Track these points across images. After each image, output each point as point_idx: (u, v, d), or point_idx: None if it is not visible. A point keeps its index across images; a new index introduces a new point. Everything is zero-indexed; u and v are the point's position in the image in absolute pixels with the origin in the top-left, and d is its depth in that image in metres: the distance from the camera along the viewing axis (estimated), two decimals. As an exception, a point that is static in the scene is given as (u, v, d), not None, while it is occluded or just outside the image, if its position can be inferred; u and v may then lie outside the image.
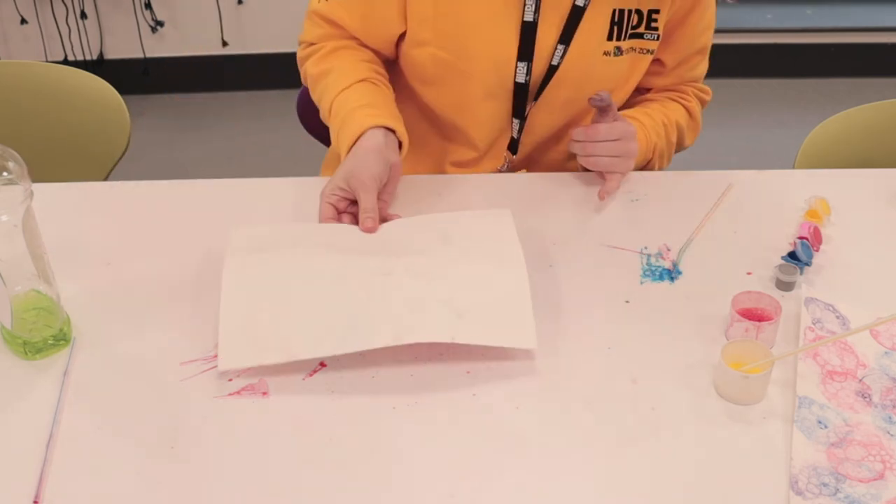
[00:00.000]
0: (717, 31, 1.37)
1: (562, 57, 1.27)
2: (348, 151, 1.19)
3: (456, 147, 1.38)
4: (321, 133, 1.58)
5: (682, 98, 1.39)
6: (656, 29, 1.28)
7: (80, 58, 3.14)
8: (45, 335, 1.03)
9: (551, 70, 1.28)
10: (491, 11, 1.23)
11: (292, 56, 1.40)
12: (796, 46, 3.21)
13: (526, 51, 1.26)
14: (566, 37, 1.25)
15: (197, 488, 0.90)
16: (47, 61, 2.40)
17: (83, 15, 3.07)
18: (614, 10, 1.25)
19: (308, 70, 1.33)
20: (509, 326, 1.02)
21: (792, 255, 1.15)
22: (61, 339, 1.05)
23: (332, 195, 1.17)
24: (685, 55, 1.35)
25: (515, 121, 1.33)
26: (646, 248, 1.19)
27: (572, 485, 0.90)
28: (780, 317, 1.03)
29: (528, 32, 1.24)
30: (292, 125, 1.69)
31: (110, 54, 3.18)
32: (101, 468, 0.91)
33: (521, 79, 1.28)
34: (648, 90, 1.40)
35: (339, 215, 1.17)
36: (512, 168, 1.39)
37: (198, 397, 0.99)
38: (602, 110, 1.24)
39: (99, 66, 3.16)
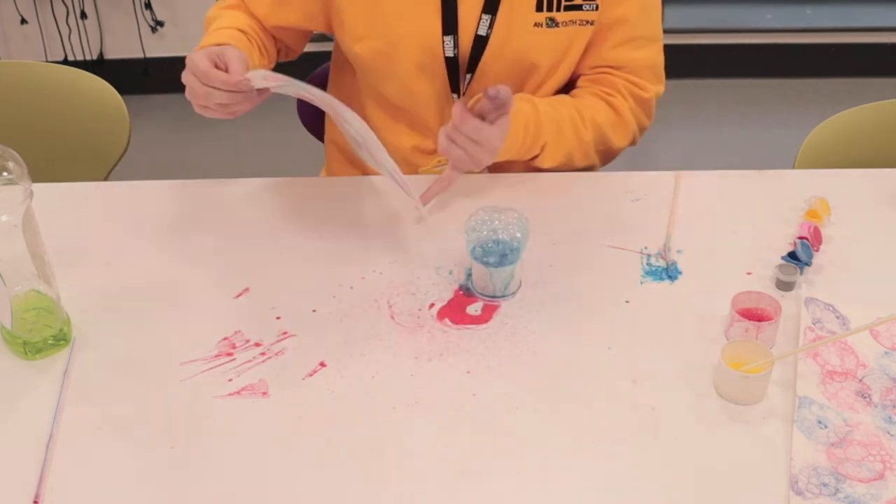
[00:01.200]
0: (717, 31, 1.36)
1: (489, 27, 1.26)
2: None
3: (415, 134, 1.38)
4: (321, 133, 1.58)
5: (606, 93, 1.33)
6: None
7: (80, 58, 3.14)
8: (45, 335, 1.03)
9: (480, 41, 1.28)
10: None
11: (292, 56, 1.41)
12: (796, 46, 3.21)
13: (449, 24, 1.26)
14: (490, 6, 1.25)
15: (197, 488, 0.90)
16: (47, 61, 2.39)
17: (83, 15, 3.06)
18: None
19: (207, 13, 1.37)
20: None
21: (792, 255, 1.15)
22: (61, 339, 1.05)
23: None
24: (601, 25, 1.29)
25: (455, 96, 1.33)
26: (646, 248, 1.19)
27: (572, 485, 0.90)
28: (780, 317, 1.03)
29: (449, 5, 1.25)
30: (292, 125, 1.69)
31: (110, 54, 3.18)
32: (101, 468, 0.91)
33: (449, 53, 1.28)
34: (577, 77, 1.36)
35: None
36: None
37: (198, 397, 0.99)
38: (495, 105, 1.17)
39: (99, 66, 3.16)
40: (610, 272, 1.16)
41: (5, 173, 0.94)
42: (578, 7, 1.26)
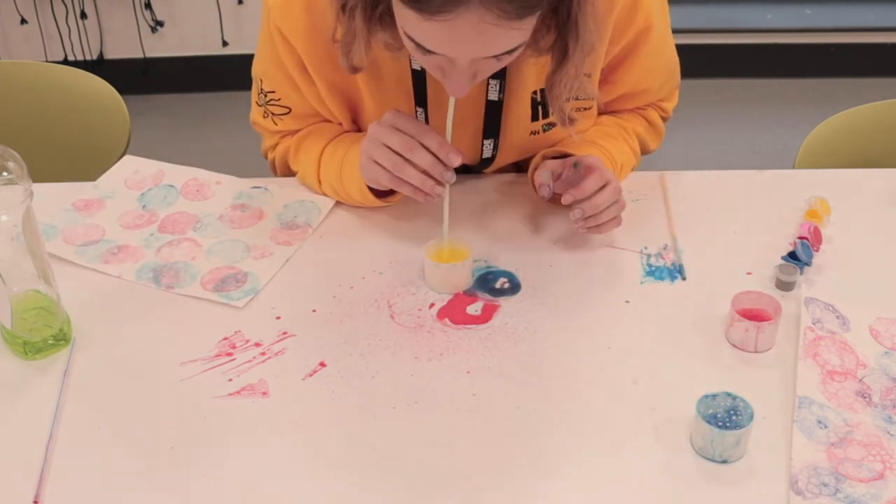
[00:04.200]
0: (719, 31, 1.36)
1: (493, 149, 1.25)
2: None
3: None
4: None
5: (638, 110, 1.33)
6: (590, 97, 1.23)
7: (80, 58, 3.14)
8: (45, 335, 1.03)
9: (485, 162, 1.28)
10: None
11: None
12: (796, 46, 3.21)
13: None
14: (490, 130, 1.23)
15: (197, 488, 0.90)
16: (47, 61, 2.39)
17: (83, 15, 3.06)
18: (533, 95, 1.21)
19: (288, 144, 1.30)
20: None
21: (792, 255, 1.15)
22: (61, 339, 1.05)
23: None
24: (627, 93, 1.28)
25: None
26: (646, 248, 1.19)
27: (572, 485, 0.90)
28: (780, 317, 1.03)
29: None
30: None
31: (110, 54, 3.18)
32: (101, 468, 0.91)
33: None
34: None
35: None
36: None
37: (198, 397, 0.99)
38: (570, 179, 1.15)
39: (99, 66, 3.16)
40: (610, 272, 1.16)
41: (5, 173, 0.94)
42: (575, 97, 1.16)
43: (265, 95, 1.26)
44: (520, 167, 1.35)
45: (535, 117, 1.23)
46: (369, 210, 1.25)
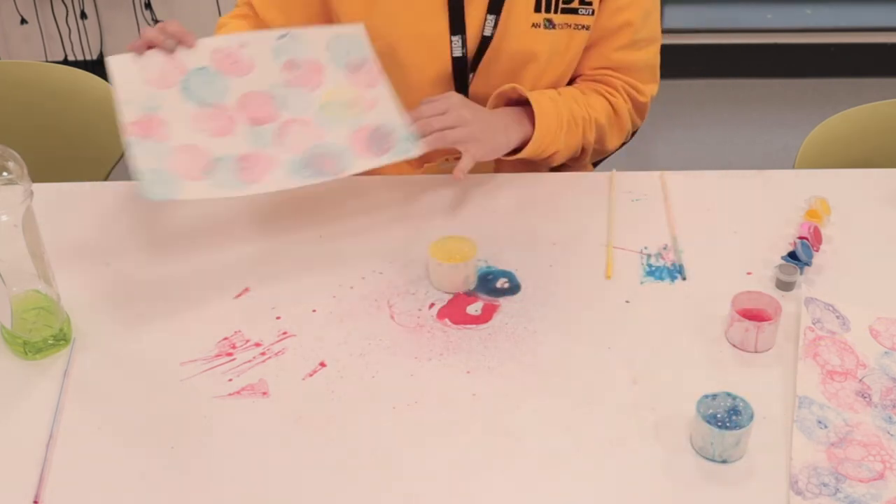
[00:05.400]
0: (718, 31, 1.36)
1: (493, 27, 1.28)
2: None
3: None
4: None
5: (608, 92, 1.35)
6: (590, 3, 1.28)
7: (80, 58, 3.14)
8: (45, 335, 1.03)
9: (485, 41, 1.29)
10: None
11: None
12: (796, 46, 3.21)
13: (457, 24, 1.28)
14: (494, 6, 1.27)
15: (197, 488, 0.90)
16: (47, 61, 2.39)
17: (83, 15, 3.07)
18: None
19: (218, 21, 1.38)
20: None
21: (792, 255, 1.15)
22: (61, 339, 1.05)
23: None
24: (606, 28, 1.31)
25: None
26: (646, 248, 1.19)
27: (572, 485, 0.90)
28: (780, 317, 1.03)
29: (455, 6, 1.26)
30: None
31: (110, 54, 3.17)
32: (101, 468, 0.91)
33: (457, 52, 1.30)
34: (577, 76, 1.38)
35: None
36: None
37: (198, 397, 0.99)
38: None
39: (99, 66, 3.15)
40: (612, 265, 1.16)
41: (5, 173, 0.94)
42: (574, 11, 1.28)
43: None
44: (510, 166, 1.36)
45: (538, 8, 1.27)
46: (370, 209, 1.26)
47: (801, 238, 1.17)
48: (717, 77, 3.18)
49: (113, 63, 1.21)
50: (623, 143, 1.42)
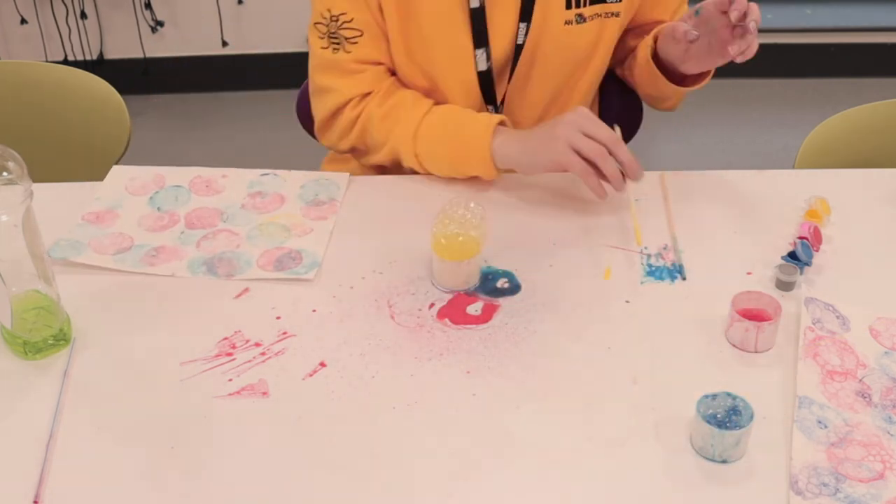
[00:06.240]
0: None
1: (525, 35, 1.28)
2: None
3: None
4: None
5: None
6: None
7: (80, 58, 3.14)
8: (45, 335, 1.03)
9: (518, 50, 1.30)
10: (442, 6, 1.26)
11: (292, 56, 1.42)
12: (796, 46, 3.21)
13: (480, 38, 1.28)
14: (526, 14, 1.27)
15: (197, 488, 0.90)
16: (47, 61, 2.39)
17: (83, 15, 3.07)
18: None
19: (372, 111, 1.31)
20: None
21: (792, 255, 1.15)
22: (61, 339, 1.05)
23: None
24: (641, 29, 1.34)
25: (489, 107, 1.35)
26: (646, 248, 1.19)
27: (572, 485, 0.90)
28: (780, 317, 1.03)
29: (478, 19, 1.26)
30: (292, 125, 1.69)
31: (110, 54, 3.18)
32: (101, 468, 0.91)
33: (482, 66, 1.30)
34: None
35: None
36: None
37: (198, 397, 0.99)
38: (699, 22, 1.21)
39: (99, 66, 3.16)
40: (610, 272, 1.16)
41: (5, 173, 0.94)
42: (602, 0, 1.29)
43: (336, 21, 1.27)
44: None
45: (568, 5, 1.27)
46: (370, 209, 1.26)
47: (801, 238, 1.17)
48: (717, 77, 3.17)
49: (112, 171, 1.34)
50: None
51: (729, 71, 1.34)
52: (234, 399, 0.99)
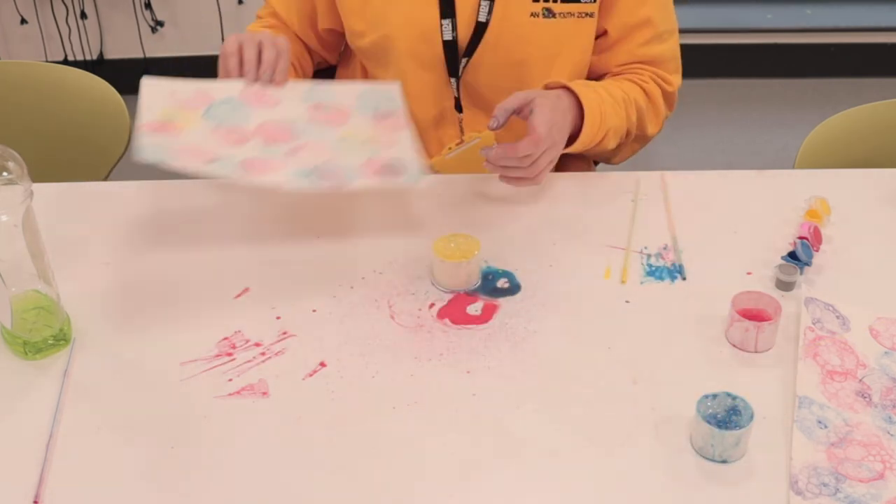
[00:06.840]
0: (718, 31, 1.36)
1: (489, 13, 1.28)
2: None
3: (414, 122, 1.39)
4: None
5: (639, 79, 1.35)
6: None
7: (80, 58, 3.14)
8: (45, 335, 1.03)
9: (480, 27, 1.30)
10: None
11: (292, 56, 1.41)
12: (796, 46, 3.21)
13: (447, 8, 1.29)
14: None
15: (197, 488, 0.90)
16: (47, 61, 2.39)
17: (83, 15, 3.06)
18: None
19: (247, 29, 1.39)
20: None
21: (792, 255, 1.15)
22: (61, 339, 1.05)
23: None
24: (627, 25, 1.32)
25: (452, 80, 1.35)
26: (646, 248, 1.19)
27: (572, 485, 0.90)
28: (780, 317, 1.03)
29: None
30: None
31: (110, 54, 3.18)
32: (101, 468, 0.91)
33: (447, 36, 1.30)
34: (604, 75, 1.38)
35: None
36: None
37: (198, 397, 0.99)
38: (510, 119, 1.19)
39: (99, 66, 3.16)
40: (610, 271, 1.16)
41: (5, 173, 0.94)
42: (577, 0, 1.28)
43: None
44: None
45: None
46: (370, 209, 1.26)
47: (801, 238, 1.17)
48: (717, 77, 3.18)
49: (145, 83, 1.21)
50: (658, 131, 1.39)
51: (729, 71, 1.33)
52: (234, 399, 0.99)
